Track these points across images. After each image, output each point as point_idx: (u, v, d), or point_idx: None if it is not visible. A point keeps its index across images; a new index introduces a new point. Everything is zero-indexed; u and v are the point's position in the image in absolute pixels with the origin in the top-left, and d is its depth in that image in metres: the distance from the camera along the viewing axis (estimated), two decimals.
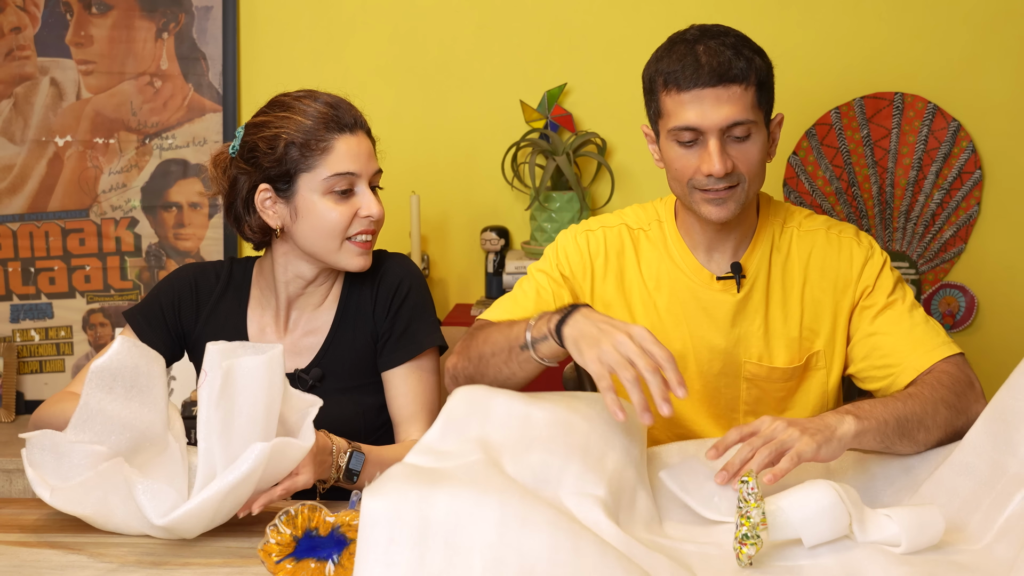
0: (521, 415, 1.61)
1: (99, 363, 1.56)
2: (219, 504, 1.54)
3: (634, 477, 1.63)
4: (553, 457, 1.57)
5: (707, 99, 1.82)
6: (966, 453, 1.62)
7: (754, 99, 1.84)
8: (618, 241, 2.02)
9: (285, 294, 2.04)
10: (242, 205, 2.00)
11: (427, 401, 2.03)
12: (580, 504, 1.50)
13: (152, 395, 1.60)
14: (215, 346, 1.58)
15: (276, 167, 1.94)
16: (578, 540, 1.32)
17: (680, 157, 1.88)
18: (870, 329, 1.92)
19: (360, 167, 1.94)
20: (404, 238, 3.15)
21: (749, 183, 1.88)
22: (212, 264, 2.12)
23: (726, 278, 1.96)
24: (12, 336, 3.24)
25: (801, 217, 2.02)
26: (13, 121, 3.21)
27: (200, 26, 3.20)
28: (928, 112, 3.12)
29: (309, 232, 1.96)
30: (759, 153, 1.87)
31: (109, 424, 1.57)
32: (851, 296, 1.94)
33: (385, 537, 1.30)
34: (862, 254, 1.96)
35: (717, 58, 1.83)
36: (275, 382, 1.61)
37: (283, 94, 2.00)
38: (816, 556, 1.50)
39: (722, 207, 1.88)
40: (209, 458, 1.57)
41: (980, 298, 3.16)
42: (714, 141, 1.84)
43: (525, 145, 3.11)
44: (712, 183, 1.86)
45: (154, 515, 1.53)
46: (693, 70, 1.83)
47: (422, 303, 2.05)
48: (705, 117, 1.83)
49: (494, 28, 3.20)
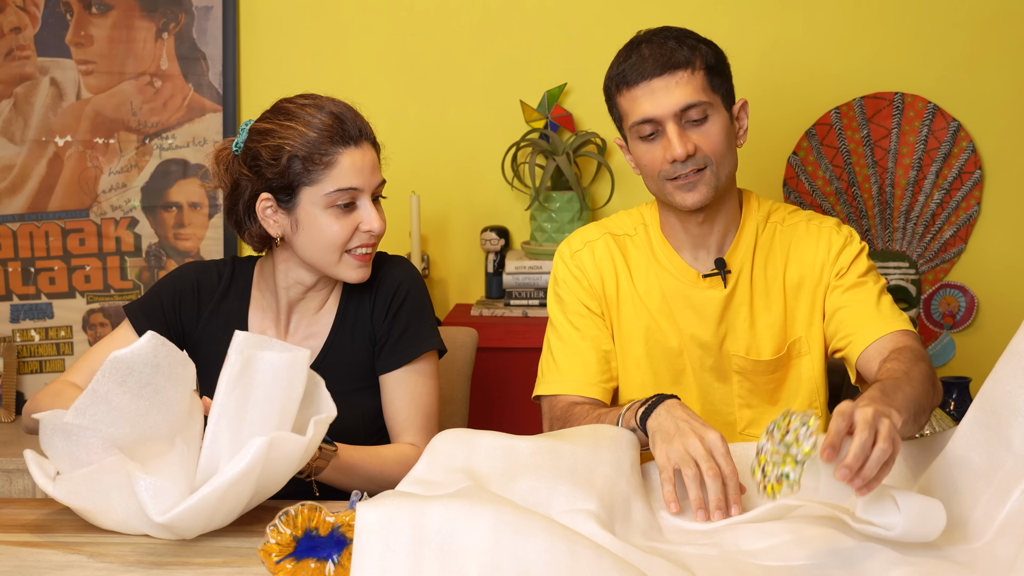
0: (506, 447, 1.64)
1: (119, 354, 1.54)
2: (219, 502, 1.53)
3: (626, 488, 1.63)
4: (541, 482, 1.58)
5: (657, 89, 1.91)
6: (960, 446, 1.62)
7: (704, 82, 1.92)
8: (606, 253, 2.06)
9: (286, 298, 2.03)
10: (243, 211, 1.98)
11: (424, 405, 2.02)
12: (573, 520, 1.50)
13: (167, 396, 1.58)
14: (244, 334, 1.60)
15: (279, 179, 1.92)
16: (573, 545, 1.32)
17: (646, 152, 1.95)
18: (838, 304, 1.97)
19: (363, 182, 1.93)
20: (404, 238, 3.15)
21: (717, 165, 1.93)
22: (215, 263, 2.11)
23: (711, 275, 2.01)
24: (12, 336, 3.24)
25: (785, 212, 2.07)
26: (13, 121, 3.21)
27: (200, 26, 3.20)
28: (928, 112, 3.12)
29: (309, 244, 1.95)
30: (720, 134, 1.93)
31: (110, 415, 1.55)
32: (826, 278, 1.99)
33: (381, 544, 1.30)
34: (840, 240, 2.01)
35: (659, 49, 1.92)
36: (294, 384, 1.60)
37: (287, 100, 1.98)
38: (815, 556, 1.50)
39: (693, 191, 1.93)
40: (215, 442, 1.57)
41: (980, 298, 3.16)
42: (671, 126, 1.91)
43: (525, 145, 3.11)
44: (679, 168, 1.92)
45: (154, 512, 1.53)
46: (639, 65, 1.92)
47: (420, 306, 2.04)
48: (657, 105, 1.91)
49: (494, 28, 3.20)
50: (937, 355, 3.17)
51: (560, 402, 2.00)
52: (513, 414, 2.86)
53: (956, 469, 1.61)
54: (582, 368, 2.01)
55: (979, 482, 1.57)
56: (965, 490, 1.58)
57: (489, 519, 1.32)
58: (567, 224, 3.05)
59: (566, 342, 2.03)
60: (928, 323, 3.17)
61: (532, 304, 3.03)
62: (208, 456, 1.58)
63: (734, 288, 2.01)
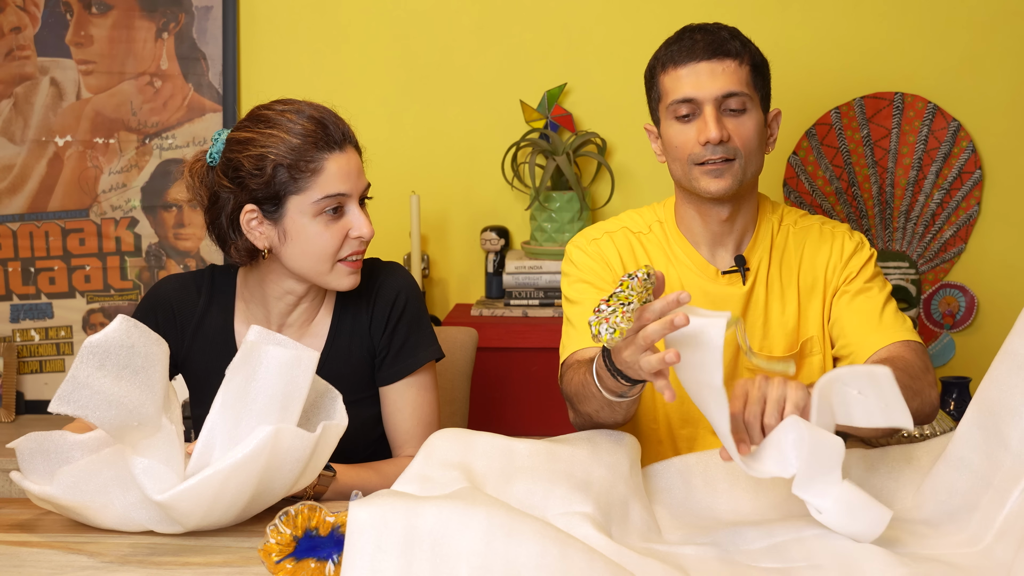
0: (503, 448, 1.64)
1: (93, 339, 1.52)
2: (220, 486, 1.52)
3: (625, 491, 1.63)
4: (536, 485, 1.58)
5: (703, 71, 1.94)
6: (959, 447, 1.62)
7: (749, 77, 1.95)
8: (626, 244, 2.06)
9: (276, 310, 1.99)
10: (227, 224, 1.91)
11: (424, 416, 2.01)
12: (569, 522, 1.50)
13: (147, 376, 1.56)
14: (258, 328, 1.61)
15: (264, 189, 1.86)
16: (565, 547, 1.31)
17: (679, 133, 1.96)
18: (842, 311, 2.01)
19: (350, 187, 1.88)
20: (404, 238, 3.15)
21: (746, 160, 1.96)
22: (192, 277, 2.05)
23: (731, 272, 2.02)
24: (12, 336, 3.24)
25: (796, 215, 2.10)
26: (13, 121, 3.21)
27: (200, 26, 3.20)
28: (928, 112, 3.12)
29: (299, 255, 1.90)
30: (755, 129, 1.96)
31: (93, 399, 1.52)
32: (835, 282, 2.03)
33: (372, 545, 1.30)
34: (851, 245, 2.05)
35: (712, 37, 1.95)
36: (297, 382, 1.60)
37: (263, 107, 1.92)
38: (812, 556, 1.49)
39: (720, 179, 1.94)
40: (211, 429, 1.57)
41: (980, 298, 3.16)
42: (710, 108, 1.93)
43: (525, 145, 3.11)
44: (710, 152, 1.93)
45: (153, 491, 1.52)
46: (689, 47, 1.95)
47: (419, 315, 2.02)
48: (701, 87, 1.93)
49: (494, 28, 3.20)
50: (937, 355, 3.17)
51: (573, 358, 1.93)
52: (513, 414, 2.86)
53: (956, 471, 1.61)
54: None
55: (978, 483, 1.57)
56: (965, 492, 1.59)
57: (482, 521, 1.31)
58: (567, 224, 3.05)
59: (580, 304, 2.00)
60: (928, 323, 3.17)
61: (532, 304, 3.03)
62: (204, 442, 1.59)
63: (752, 286, 2.03)
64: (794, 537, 1.53)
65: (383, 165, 2.01)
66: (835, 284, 2.03)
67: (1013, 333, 1.59)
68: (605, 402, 1.72)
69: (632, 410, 1.76)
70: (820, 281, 2.04)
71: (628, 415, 1.77)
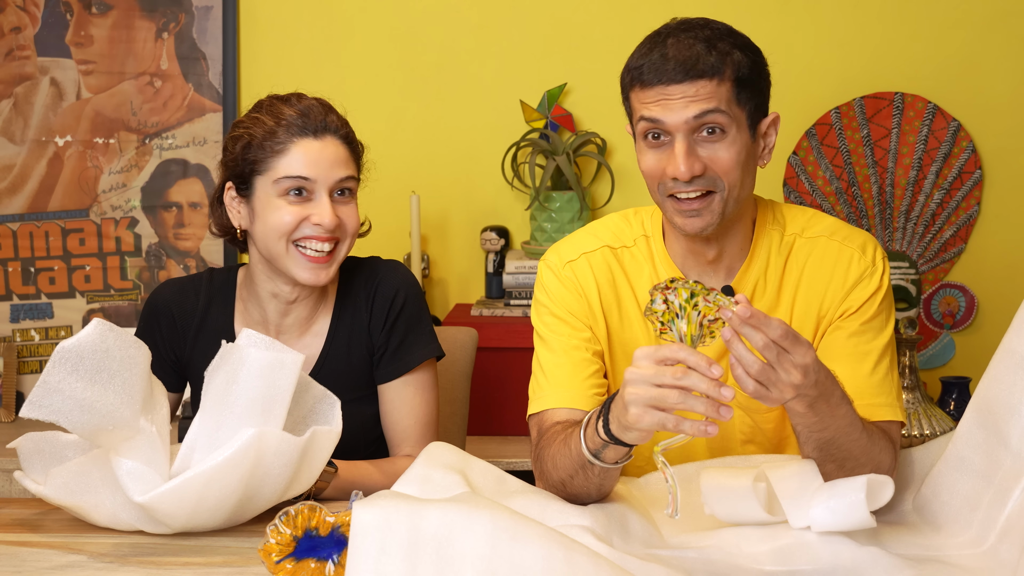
0: (497, 476, 1.65)
1: (66, 344, 1.51)
2: (203, 488, 1.52)
3: (620, 506, 1.63)
4: (531, 502, 1.59)
5: (673, 95, 1.67)
6: (959, 446, 1.62)
7: (730, 94, 1.68)
8: (606, 270, 1.84)
9: (270, 311, 2.00)
10: (216, 202, 2.01)
11: (422, 415, 2.01)
12: (568, 534, 1.49)
13: (123, 380, 1.54)
14: (248, 331, 1.61)
15: (235, 166, 1.94)
16: (571, 552, 1.31)
17: (649, 157, 1.72)
18: (831, 353, 1.75)
19: (317, 173, 1.90)
20: (404, 238, 3.15)
21: (728, 190, 1.70)
22: (190, 281, 2.07)
23: None
24: (12, 336, 3.24)
25: (805, 220, 1.84)
26: (13, 121, 3.21)
27: (200, 26, 3.20)
28: (928, 112, 3.12)
29: (262, 233, 1.93)
30: (736, 155, 1.69)
31: (65, 404, 1.50)
32: (832, 314, 1.78)
33: (376, 547, 1.29)
34: (859, 270, 1.78)
35: (685, 51, 1.67)
36: (280, 385, 1.59)
37: (274, 96, 1.99)
38: (817, 560, 1.49)
39: (696, 219, 1.71)
40: (193, 431, 1.58)
41: (980, 298, 3.16)
42: (680, 141, 1.68)
43: (525, 145, 3.11)
44: (681, 187, 1.69)
45: (134, 492, 1.52)
46: (659, 65, 1.68)
47: (418, 313, 2.02)
48: (669, 114, 1.67)
49: (494, 28, 3.20)
50: (937, 355, 3.17)
51: (549, 418, 1.77)
52: (513, 414, 2.86)
53: (956, 471, 1.61)
54: (572, 378, 1.79)
55: (979, 483, 1.57)
56: (967, 492, 1.58)
57: (486, 524, 1.31)
58: (567, 224, 3.05)
59: (555, 351, 1.81)
60: (928, 323, 3.17)
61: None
62: (187, 444, 1.59)
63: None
64: (798, 541, 1.52)
65: (383, 165, 2.01)
66: (831, 316, 1.78)
67: (1011, 331, 1.59)
68: (601, 470, 1.59)
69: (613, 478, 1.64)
70: (815, 306, 1.79)
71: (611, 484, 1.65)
